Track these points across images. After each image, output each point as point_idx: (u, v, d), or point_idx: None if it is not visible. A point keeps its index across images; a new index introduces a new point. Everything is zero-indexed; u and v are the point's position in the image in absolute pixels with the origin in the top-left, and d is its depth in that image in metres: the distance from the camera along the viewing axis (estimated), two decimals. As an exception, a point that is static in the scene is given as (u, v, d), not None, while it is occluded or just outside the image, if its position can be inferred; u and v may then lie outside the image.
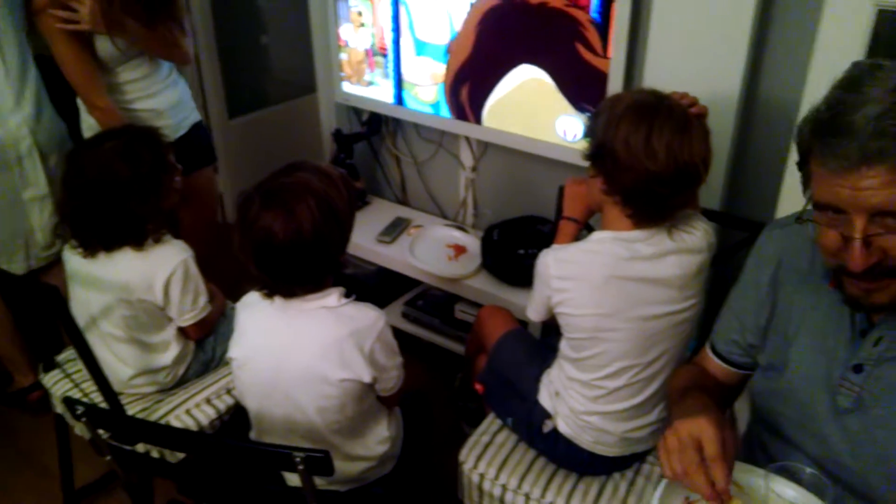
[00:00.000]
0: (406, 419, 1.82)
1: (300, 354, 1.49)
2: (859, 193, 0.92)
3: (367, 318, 1.51)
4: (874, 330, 1.07)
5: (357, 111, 2.92)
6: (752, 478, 1.09)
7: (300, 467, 1.23)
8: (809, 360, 1.15)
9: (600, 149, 1.46)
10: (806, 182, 1.03)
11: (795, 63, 1.80)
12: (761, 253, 1.25)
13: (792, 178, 1.69)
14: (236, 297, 1.66)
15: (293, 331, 1.50)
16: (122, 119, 2.16)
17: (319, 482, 1.59)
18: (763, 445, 1.26)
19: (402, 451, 1.77)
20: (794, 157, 1.67)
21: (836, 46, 1.56)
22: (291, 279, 1.47)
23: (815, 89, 1.58)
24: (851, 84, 0.94)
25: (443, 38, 2.36)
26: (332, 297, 1.50)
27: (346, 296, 1.53)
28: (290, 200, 1.40)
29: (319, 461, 1.22)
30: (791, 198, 1.71)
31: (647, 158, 1.38)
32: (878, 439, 1.07)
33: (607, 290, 1.49)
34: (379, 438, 1.67)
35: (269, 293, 1.51)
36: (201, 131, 2.48)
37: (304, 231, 1.39)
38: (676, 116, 1.41)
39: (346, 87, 2.74)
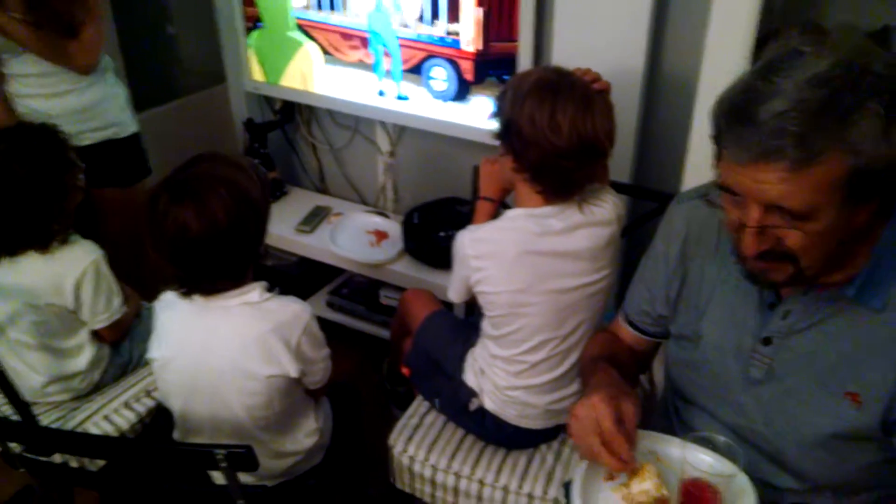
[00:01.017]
0: (335, 408, 1.81)
1: (224, 352, 1.46)
2: (756, 185, 0.92)
3: (292, 312, 1.49)
4: (782, 304, 1.11)
5: (269, 99, 2.86)
6: (670, 447, 1.12)
7: (223, 465, 1.21)
8: (720, 333, 1.18)
9: (507, 127, 1.48)
10: (718, 156, 1.03)
11: (695, 36, 1.85)
12: (670, 226, 1.27)
13: (696, 150, 1.76)
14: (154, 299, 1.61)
15: (215, 328, 1.47)
16: (11, 114, 2.05)
17: (247, 478, 1.58)
18: (678, 411, 1.30)
19: (332, 440, 1.76)
20: (696, 129, 1.74)
21: (730, 18, 1.61)
22: (210, 274, 1.43)
23: (712, 62, 1.63)
24: (768, 70, 0.92)
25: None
26: (255, 293, 1.47)
27: (269, 289, 1.50)
28: (201, 191, 1.36)
29: (242, 457, 1.20)
30: (695, 169, 1.77)
31: (552, 134, 1.41)
32: (788, 408, 1.11)
33: (521, 265, 1.52)
34: (307, 431, 1.65)
35: (188, 292, 1.47)
36: (125, 145, 2.37)
37: (218, 222, 1.35)
38: (579, 92, 1.44)
39: (257, 74, 2.68)
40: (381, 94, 2.42)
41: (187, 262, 1.40)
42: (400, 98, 2.39)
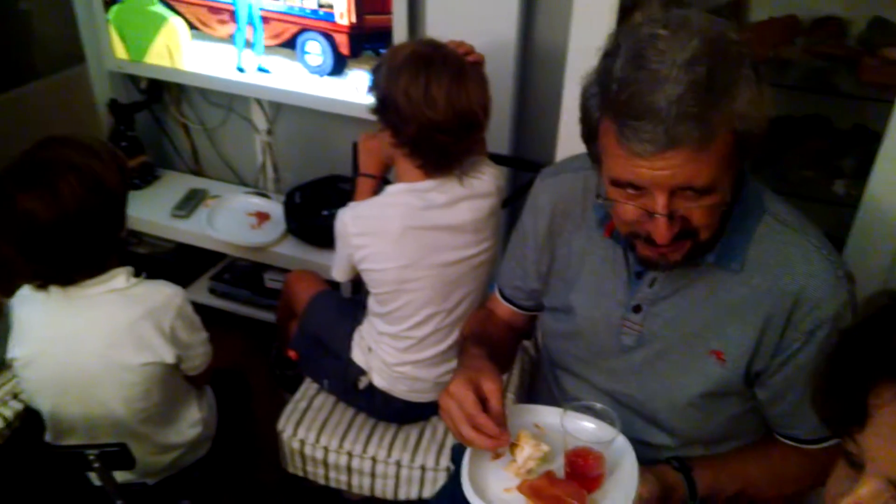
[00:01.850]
0: (220, 396, 1.76)
1: (93, 344, 1.38)
2: (661, 173, 0.92)
3: (163, 296, 1.43)
4: (648, 272, 1.14)
5: (134, 78, 2.70)
6: (551, 418, 1.14)
7: (96, 465, 1.15)
8: (591, 304, 1.20)
9: (384, 101, 1.46)
10: (589, 139, 1.04)
11: (565, 7, 1.87)
12: (536, 202, 1.27)
13: (567, 119, 1.79)
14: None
15: (81, 319, 1.39)
16: None
17: (128, 476, 1.51)
18: (557, 381, 1.33)
19: (218, 430, 1.71)
20: (567, 99, 1.77)
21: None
22: (66, 264, 1.35)
23: (578, 32, 1.66)
24: (638, 58, 0.90)
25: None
26: (120, 279, 1.40)
27: (136, 274, 1.43)
28: (49, 177, 1.27)
29: (116, 455, 1.15)
30: (568, 138, 1.80)
31: (428, 108, 1.40)
32: (659, 371, 1.16)
33: (405, 241, 1.51)
34: (191, 422, 1.60)
35: (43, 284, 1.37)
36: None
37: (68, 209, 1.27)
38: (452, 65, 1.44)
39: (119, 52, 2.53)
40: (239, 69, 2.32)
41: (37, 253, 1.31)
42: (260, 70, 2.31)
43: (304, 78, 2.28)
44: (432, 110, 1.41)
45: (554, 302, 1.27)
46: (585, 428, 1.08)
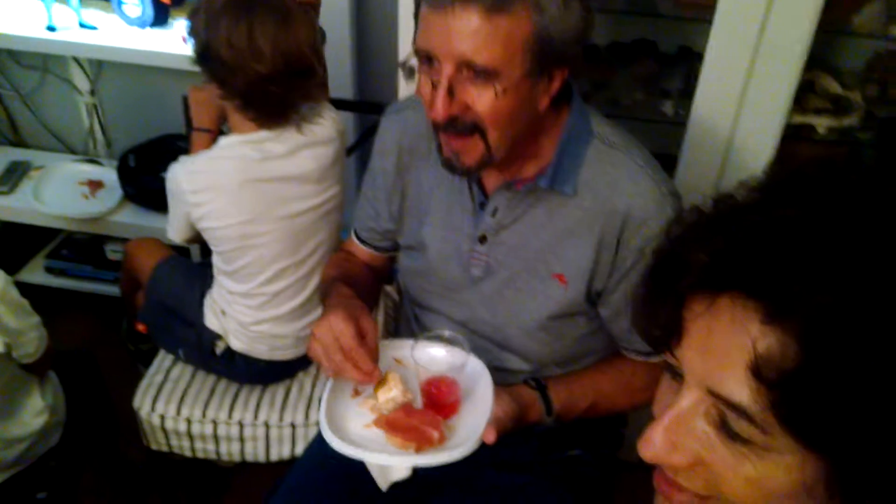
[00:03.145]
0: (67, 380, 1.65)
1: None
2: (449, 37, 0.94)
3: None
4: (490, 202, 1.16)
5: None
6: (406, 351, 1.15)
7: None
8: (441, 238, 1.22)
9: (205, 52, 1.37)
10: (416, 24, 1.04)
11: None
12: (382, 140, 1.27)
13: (404, 55, 1.75)
14: None
15: None
16: None
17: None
18: (417, 319, 1.34)
19: (69, 415, 1.60)
20: (403, 33, 1.74)
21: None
22: None
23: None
24: None
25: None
26: None
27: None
28: None
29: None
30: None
31: (254, 59, 1.33)
32: (507, 298, 1.19)
33: (245, 195, 1.44)
34: (35, 411, 1.49)
35: None
36: None
37: None
38: (277, 8, 1.36)
39: None
40: (50, 28, 2.11)
41: None
42: (83, 27, 2.11)
43: (124, 31, 2.10)
44: (259, 62, 1.33)
45: (408, 240, 1.27)
46: (437, 356, 1.09)
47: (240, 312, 1.58)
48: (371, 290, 1.39)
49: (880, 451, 0.50)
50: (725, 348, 0.54)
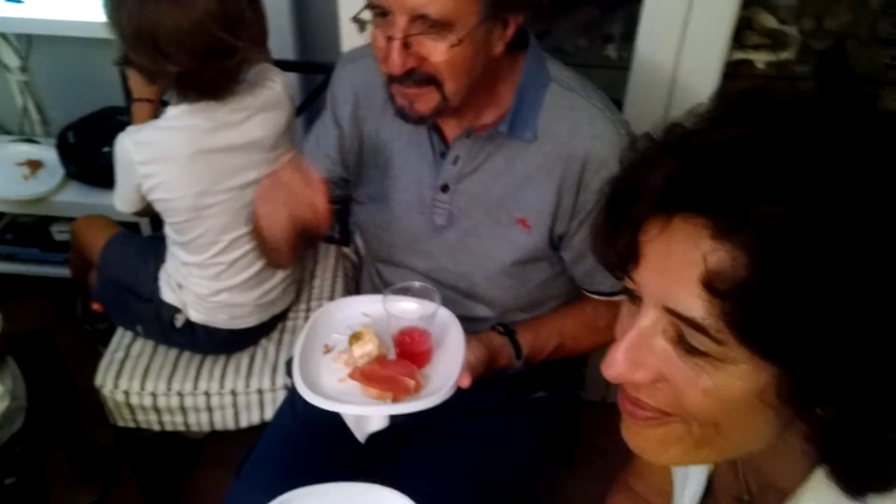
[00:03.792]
0: (26, 365, 1.61)
1: None
2: None
3: None
4: (451, 151, 1.16)
5: None
6: (376, 305, 1.16)
7: None
8: (403, 188, 1.22)
9: (121, 35, 1.32)
10: None
11: None
12: (336, 89, 1.26)
13: (346, 9, 1.72)
14: None
15: None
16: None
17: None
18: (380, 275, 1.35)
19: (31, 399, 1.58)
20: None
21: None
22: None
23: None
24: None
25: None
26: None
27: None
28: None
29: None
30: (351, 30, 1.74)
31: (170, 47, 1.27)
32: (471, 246, 1.20)
33: (196, 166, 1.42)
34: (-7, 398, 1.46)
35: None
36: None
37: None
38: None
39: None
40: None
41: None
42: (8, 0, 2.02)
43: (53, 2, 2.02)
44: (179, 50, 1.26)
45: (368, 191, 1.27)
46: (407, 308, 1.11)
47: (196, 284, 1.56)
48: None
49: (825, 354, 0.52)
50: (679, 266, 0.56)
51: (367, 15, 1.04)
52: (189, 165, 1.42)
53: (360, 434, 1.06)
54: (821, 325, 0.51)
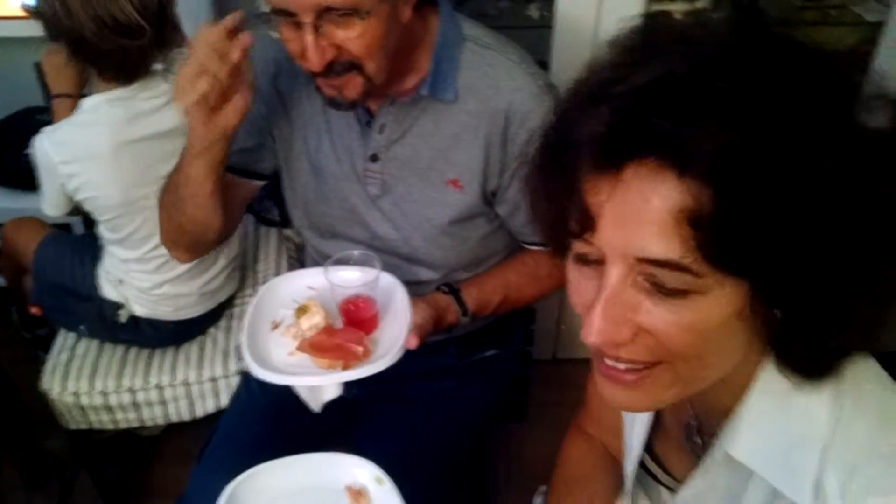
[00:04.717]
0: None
1: None
2: None
3: None
4: (376, 119, 1.16)
5: None
6: (318, 278, 1.16)
7: None
8: (335, 160, 1.22)
9: (38, 13, 1.29)
10: None
11: None
12: (255, 63, 1.24)
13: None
14: None
15: None
16: None
17: None
18: (321, 251, 1.34)
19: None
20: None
21: None
22: None
23: None
24: None
25: None
26: None
27: None
28: None
29: None
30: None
31: (69, 19, 1.25)
32: (407, 211, 1.21)
33: (120, 159, 1.39)
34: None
35: None
36: None
37: None
38: None
39: None
40: None
41: None
42: None
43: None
44: (77, 24, 1.25)
45: (301, 165, 1.25)
46: (349, 276, 1.11)
47: (137, 279, 1.54)
48: (233, 202, 1.28)
49: (786, 260, 0.55)
50: (642, 214, 0.56)
51: (267, 8, 1.02)
52: (113, 159, 1.39)
53: (316, 405, 1.07)
54: (782, 234, 0.54)
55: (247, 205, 1.34)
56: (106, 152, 1.37)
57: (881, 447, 0.63)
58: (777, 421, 0.67)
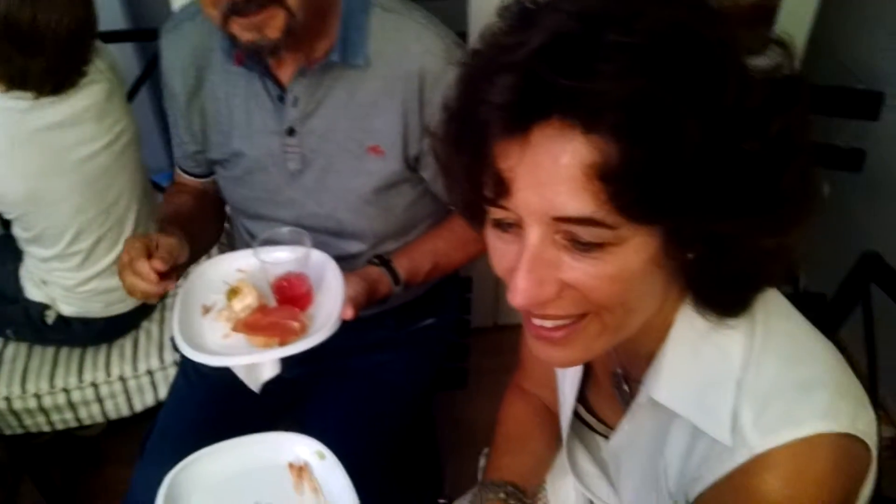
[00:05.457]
0: None
1: None
2: None
3: None
4: (289, 93, 1.15)
5: None
6: (248, 260, 1.15)
7: None
8: (251, 141, 1.20)
9: None
10: None
11: None
12: (166, 62, 1.22)
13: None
14: None
15: None
16: None
17: None
18: (250, 232, 1.33)
19: None
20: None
21: None
22: None
23: None
24: None
25: None
26: None
27: None
28: None
29: None
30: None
31: None
32: (329, 183, 1.20)
33: (21, 152, 1.34)
34: None
35: None
36: None
37: None
38: None
39: None
40: None
41: None
42: None
43: None
44: None
45: (219, 154, 1.24)
46: (280, 255, 1.11)
47: (61, 277, 1.49)
48: (208, 216, 1.36)
49: (695, 203, 0.57)
50: (555, 173, 0.58)
51: None
52: (13, 154, 1.34)
53: (255, 385, 1.06)
54: (689, 178, 0.56)
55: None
56: (4, 147, 1.32)
57: (790, 379, 0.67)
58: (695, 362, 0.71)
